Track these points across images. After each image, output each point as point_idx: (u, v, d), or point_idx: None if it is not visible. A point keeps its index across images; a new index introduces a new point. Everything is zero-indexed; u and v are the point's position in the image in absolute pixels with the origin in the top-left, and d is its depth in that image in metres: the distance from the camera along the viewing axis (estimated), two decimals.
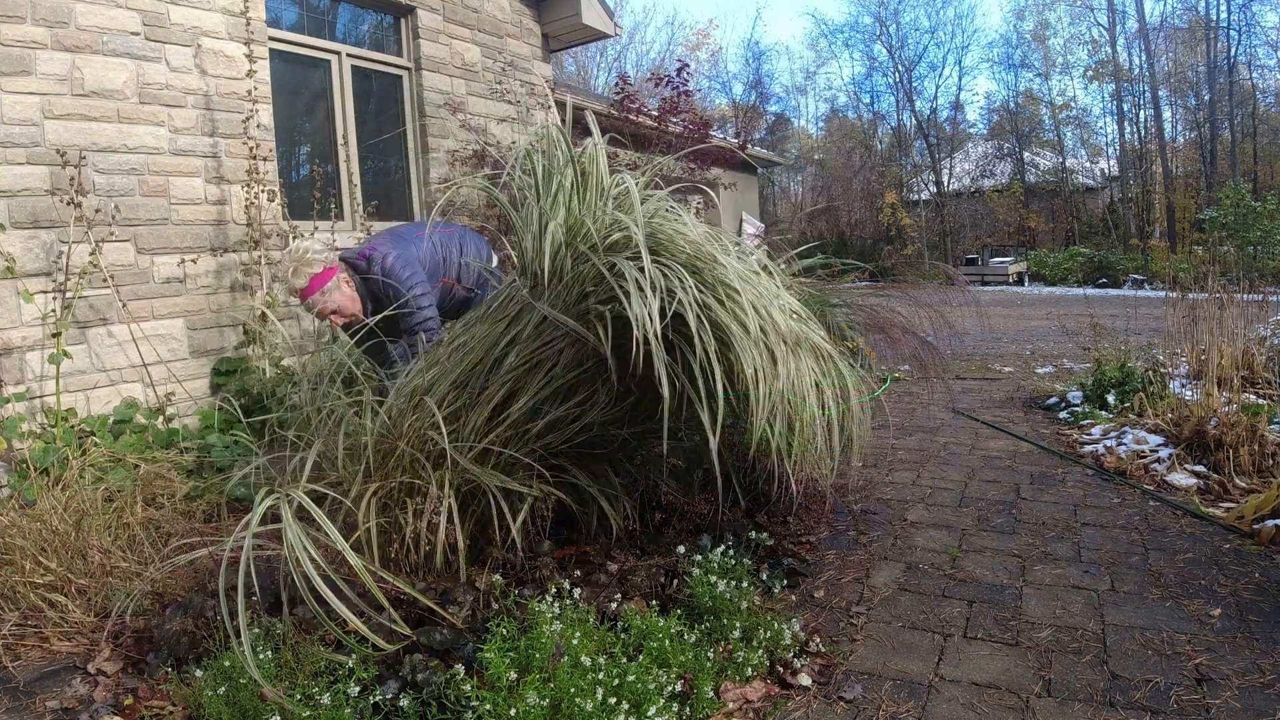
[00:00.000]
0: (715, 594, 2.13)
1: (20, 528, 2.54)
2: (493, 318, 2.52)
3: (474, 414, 2.35)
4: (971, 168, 28.61)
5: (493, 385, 2.37)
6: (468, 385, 2.41)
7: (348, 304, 3.18)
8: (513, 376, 2.38)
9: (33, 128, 3.48)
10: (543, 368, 2.38)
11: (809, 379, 2.23)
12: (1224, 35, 23.96)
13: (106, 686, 2.05)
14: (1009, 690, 1.93)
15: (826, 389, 2.30)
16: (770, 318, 2.16)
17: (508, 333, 2.44)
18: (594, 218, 2.36)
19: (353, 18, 5.39)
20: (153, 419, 3.68)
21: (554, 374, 2.38)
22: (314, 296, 3.10)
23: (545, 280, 2.34)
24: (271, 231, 4.35)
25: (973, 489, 3.52)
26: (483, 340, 2.46)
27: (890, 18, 29.52)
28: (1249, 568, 2.57)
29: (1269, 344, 4.78)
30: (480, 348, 2.45)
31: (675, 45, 32.76)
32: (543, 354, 2.38)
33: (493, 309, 2.56)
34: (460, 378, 2.41)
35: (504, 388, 2.37)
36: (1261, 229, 14.86)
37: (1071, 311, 10.88)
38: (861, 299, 3.02)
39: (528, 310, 2.41)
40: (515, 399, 2.37)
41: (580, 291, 2.31)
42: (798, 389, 2.16)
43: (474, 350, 2.45)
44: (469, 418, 2.33)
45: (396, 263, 3.19)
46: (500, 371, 2.40)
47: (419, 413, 2.33)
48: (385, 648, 1.87)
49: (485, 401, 2.36)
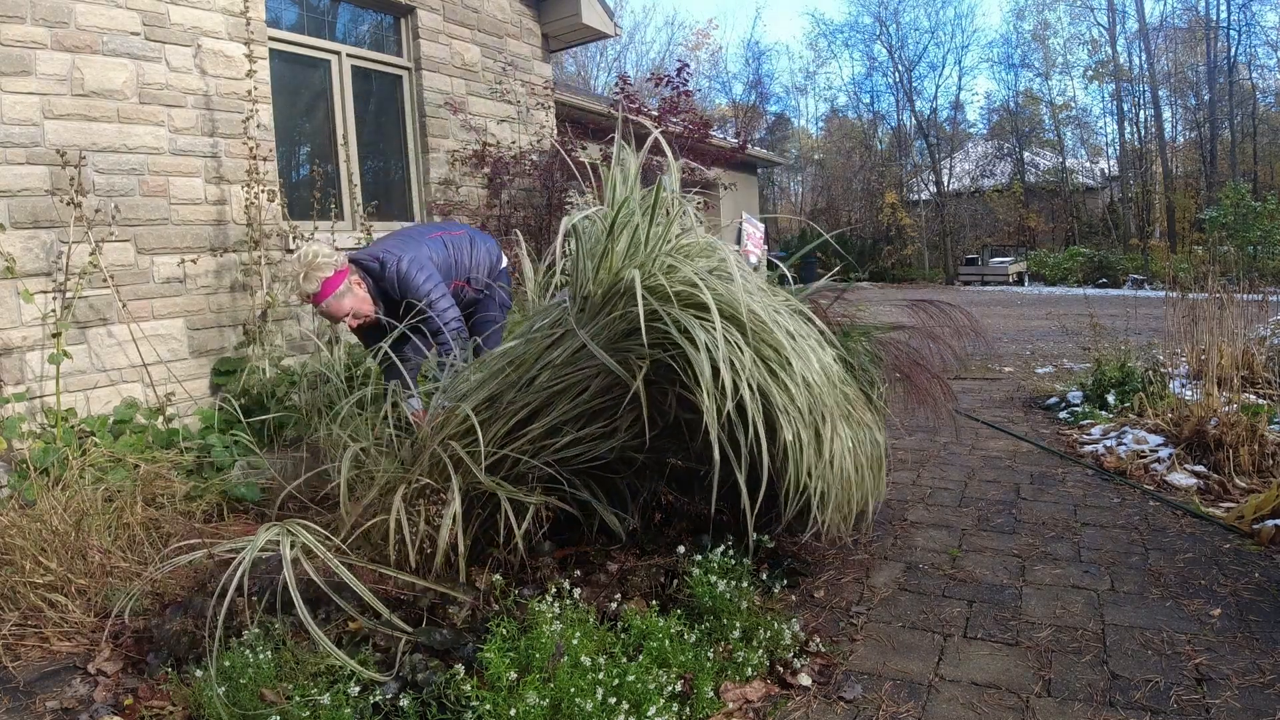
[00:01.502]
0: (715, 594, 2.13)
1: (20, 528, 2.54)
2: (536, 336, 2.50)
3: (496, 425, 2.34)
4: (971, 168, 28.61)
5: (519, 401, 2.37)
6: (496, 399, 2.40)
7: (361, 305, 3.13)
8: (540, 397, 2.38)
9: (33, 128, 3.48)
10: (571, 392, 2.38)
11: (847, 444, 2.30)
12: (1224, 35, 23.96)
13: (106, 686, 2.05)
14: (1009, 690, 1.93)
15: (860, 453, 2.36)
16: (820, 393, 2.20)
17: (546, 355, 2.42)
18: (654, 257, 2.31)
19: (352, 18, 5.39)
20: (153, 419, 3.68)
21: (581, 400, 2.38)
22: (328, 301, 3.05)
23: (596, 311, 2.32)
24: (271, 231, 4.35)
25: (973, 489, 3.52)
26: (519, 359, 2.45)
27: (890, 18, 29.51)
28: (1249, 568, 2.57)
29: (1269, 344, 4.78)
30: (515, 366, 2.44)
31: (675, 45, 32.78)
32: (574, 378, 2.38)
33: (537, 327, 2.53)
34: (494, 391, 2.40)
35: (528, 407, 2.37)
36: (1261, 229, 14.85)
37: (1071, 311, 10.88)
38: (884, 334, 2.97)
39: (570, 336, 2.38)
40: (538, 417, 2.37)
41: (626, 329, 2.29)
42: (836, 462, 2.22)
43: (513, 366, 2.44)
44: (491, 429, 2.33)
45: (411, 266, 3.15)
46: (529, 390, 2.39)
47: (449, 420, 2.34)
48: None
49: (508, 415, 2.36)
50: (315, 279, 3.01)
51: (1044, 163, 28.24)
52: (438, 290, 3.16)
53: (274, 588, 2.07)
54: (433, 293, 3.14)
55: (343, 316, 3.10)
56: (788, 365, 2.15)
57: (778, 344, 2.16)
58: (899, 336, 3.04)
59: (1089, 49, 27.83)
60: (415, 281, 3.13)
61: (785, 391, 2.13)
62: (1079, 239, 25.04)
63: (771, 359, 2.17)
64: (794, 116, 35.73)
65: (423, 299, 3.10)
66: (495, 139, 5.94)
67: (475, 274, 3.47)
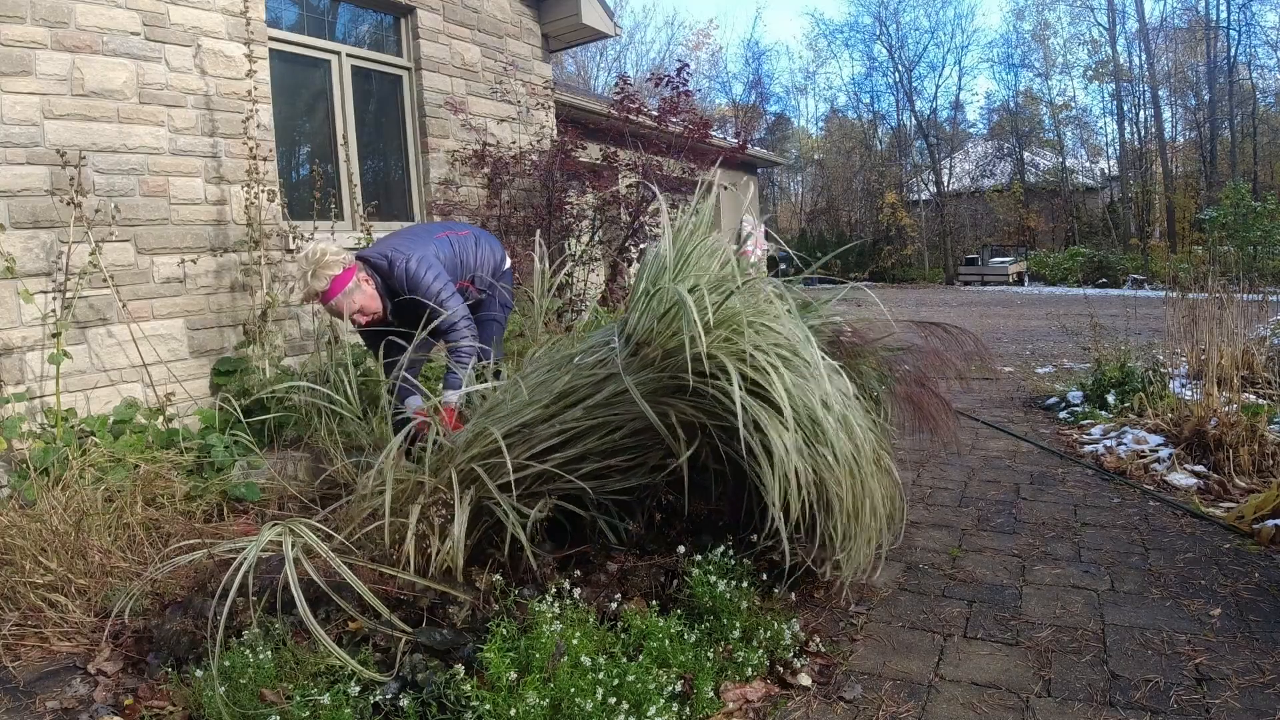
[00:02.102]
0: (715, 594, 2.13)
1: (20, 528, 2.54)
2: (579, 371, 2.49)
3: (520, 449, 2.34)
4: (971, 168, 28.63)
5: (549, 430, 2.37)
6: (529, 426, 2.40)
7: (370, 302, 3.11)
8: (571, 430, 2.38)
9: (33, 128, 3.48)
10: (603, 429, 2.39)
11: (878, 492, 2.35)
12: (1224, 35, 23.98)
13: (106, 686, 2.05)
14: (1009, 690, 1.93)
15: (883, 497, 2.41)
16: (865, 473, 2.25)
17: (586, 391, 2.42)
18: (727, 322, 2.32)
19: (353, 18, 5.39)
20: (153, 419, 3.68)
21: (611, 437, 2.39)
22: (337, 299, 3.03)
23: (648, 364, 2.34)
24: (271, 231, 4.35)
25: (973, 489, 3.52)
26: (561, 393, 2.44)
27: (890, 18, 29.56)
28: (1249, 568, 2.57)
29: (1269, 344, 4.78)
30: (557, 399, 2.44)
31: (675, 45, 32.83)
32: (609, 417, 2.38)
33: (585, 363, 2.51)
34: (528, 419, 2.40)
35: (558, 436, 2.38)
36: (1261, 229, 14.84)
37: (1071, 311, 10.88)
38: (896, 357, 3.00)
39: (614, 380, 2.37)
40: (565, 447, 2.37)
41: (675, 386, 2.30)
42: (862, 506, 2.27)
43: (553, 399, 2.44)
44: (515, 450, 2.33)
45: (419, 265, 3.13)
46: (562, 421, 2.39)
47: (477, 440, 2.36)
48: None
49: (535, 441, 2.37)
50: (324, 276, 2.99)
51: (1044, 163, 28.26)
52: (447, 289, 3.15)
53: (274, 587, 2.07)
54: (442, 292, 3.13)
55: (350, 314, 3.08)
56: (834, 447, 2.20)
57: (833, 440, 2.21)
58: (903, 339, 3.06)
59: (1089, 49, 27.88)
60: (424, 280, 3.11)
61: (833, 475, 2.20)
62: (1079, 239, 25.05)
63: (821, 441, 2.21)
64: (794, 116, 35.80)
65: (432, 298, 3.10)
66: (495, 139, 5.94)
67: (479, 273, 3.46)
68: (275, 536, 1.93)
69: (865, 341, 2.92)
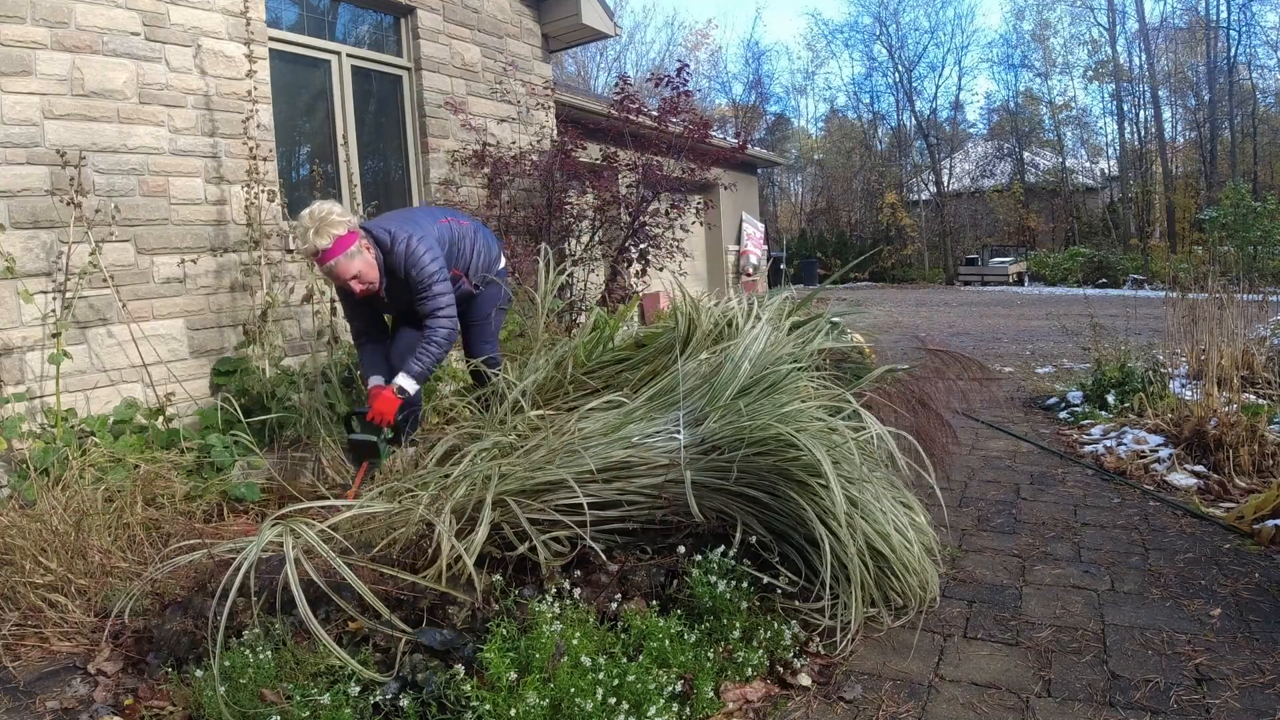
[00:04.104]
0: (715, 594, 2.13)
1: (20, 528, 2.54)
2: (637, 450, 2.53)
3: (562, 493, 2.36)
4: (971, 168, 28.62)
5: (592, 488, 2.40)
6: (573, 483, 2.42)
7: (369, 271, 3.05)
8: (615, 492, 2.41)
9: (33, 128, 3.48)
10: (648, 495, 2.44)
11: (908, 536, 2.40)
12: (1224, 35, 23.97)
13: (106, 686, 2.05)
14: (1009, 690, 1.93)
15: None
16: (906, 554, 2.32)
17: (642, 472, 2.46)
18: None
19: (353, 18, 5.39)
20: (153, 419, 3.68)
21: (649, 511, 2.45)
22: (338, 259, 2.95)
23: (710, 450, 2.39)
24: (271, 231, 4.35)
25: (973, 489, 3.52)
26: (616, 464, 2.47)
27: (890, 18, 29.53)
28: (1249, 568, 2.57)
29: (1269, 344, 4.78)
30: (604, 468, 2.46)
31: (675, 45, 32.80)
32: (658, 490, 2.43)
33: (638, 440, 2.54)
34: (578, 478, 2.41)
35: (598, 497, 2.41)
36: (1261, 229, 14.84)
37: (1071, 311, 10.87)
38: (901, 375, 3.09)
39: (673, 469, 2.41)
40: (605, 508, 2.41)
41: (735, 488, 2.37)
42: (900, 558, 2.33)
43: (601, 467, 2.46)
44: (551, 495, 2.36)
45: (420, 245, 3.10)
46: (606, 485, 2.42)
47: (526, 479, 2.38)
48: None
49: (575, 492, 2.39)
50: (328, 234, 2.91)
51: (1044, 163, 28.25)
52: (439, 276, 3.13)
53: (274, 587, 2.07)
54: (434, 277, 3.11)
55: (349, 279, 3.01)
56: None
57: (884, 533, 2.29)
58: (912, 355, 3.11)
59: (1089, 49, 27.86)
60: (422, 262, 3.08)
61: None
62: (1079, 239, 25.04)
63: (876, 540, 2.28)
64: (794, 116, 35.77)
65: (424, 280, 3.08)
66: (495, 139, 5.94)
67: (473, 265, 3.45)
68: (275, 536, 1.93)
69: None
